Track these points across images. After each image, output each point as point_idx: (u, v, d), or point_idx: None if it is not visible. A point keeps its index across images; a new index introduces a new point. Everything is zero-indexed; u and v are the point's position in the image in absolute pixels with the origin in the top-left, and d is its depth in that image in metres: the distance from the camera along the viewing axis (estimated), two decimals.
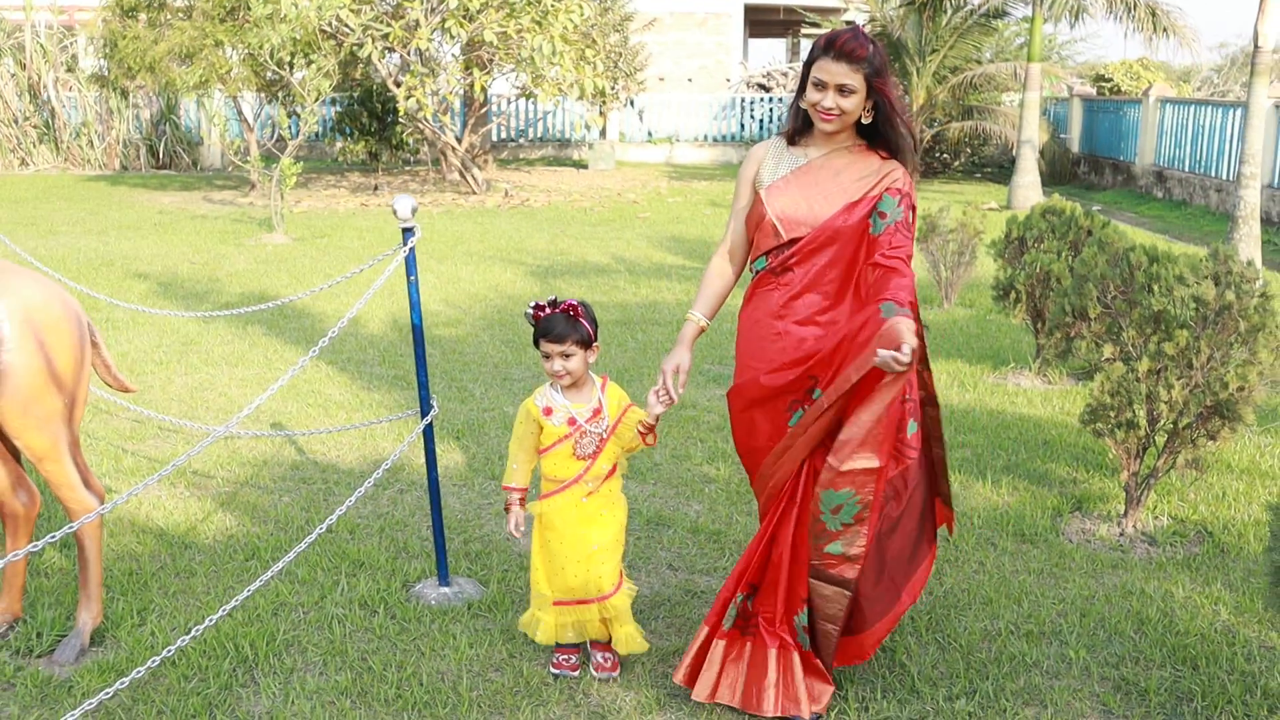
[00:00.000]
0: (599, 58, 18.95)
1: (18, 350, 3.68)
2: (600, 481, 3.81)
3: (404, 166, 24.42)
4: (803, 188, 3.63)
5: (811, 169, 3.65)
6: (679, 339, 3.80)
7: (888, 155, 3.63)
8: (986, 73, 21.55)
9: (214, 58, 18.01)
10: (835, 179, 3.62)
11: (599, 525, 3.82)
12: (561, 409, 3.77)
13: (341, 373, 7.85)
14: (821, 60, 3.50)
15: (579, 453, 3.77)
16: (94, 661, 3.95)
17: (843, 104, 3.51)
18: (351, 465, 6.03)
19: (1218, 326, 4.84)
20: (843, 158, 3.65)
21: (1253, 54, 11.24)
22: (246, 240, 14.24)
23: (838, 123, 3.56)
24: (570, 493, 3.80)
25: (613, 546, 3.84)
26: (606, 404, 3.79)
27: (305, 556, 4.79)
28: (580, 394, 3.80)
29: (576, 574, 3.80)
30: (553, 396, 3.79)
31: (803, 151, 3.70)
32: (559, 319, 3.70)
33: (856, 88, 3.48)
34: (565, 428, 3.76)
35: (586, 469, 3.78)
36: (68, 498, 3.91)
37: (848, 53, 3.45)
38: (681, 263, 12.78)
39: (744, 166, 3.81)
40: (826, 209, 3.59)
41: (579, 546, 3.79)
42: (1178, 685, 3.84)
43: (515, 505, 3.88)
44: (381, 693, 3.78)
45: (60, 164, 25.03)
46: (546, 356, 3.73)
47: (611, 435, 3.79)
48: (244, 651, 4.03)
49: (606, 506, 3.85)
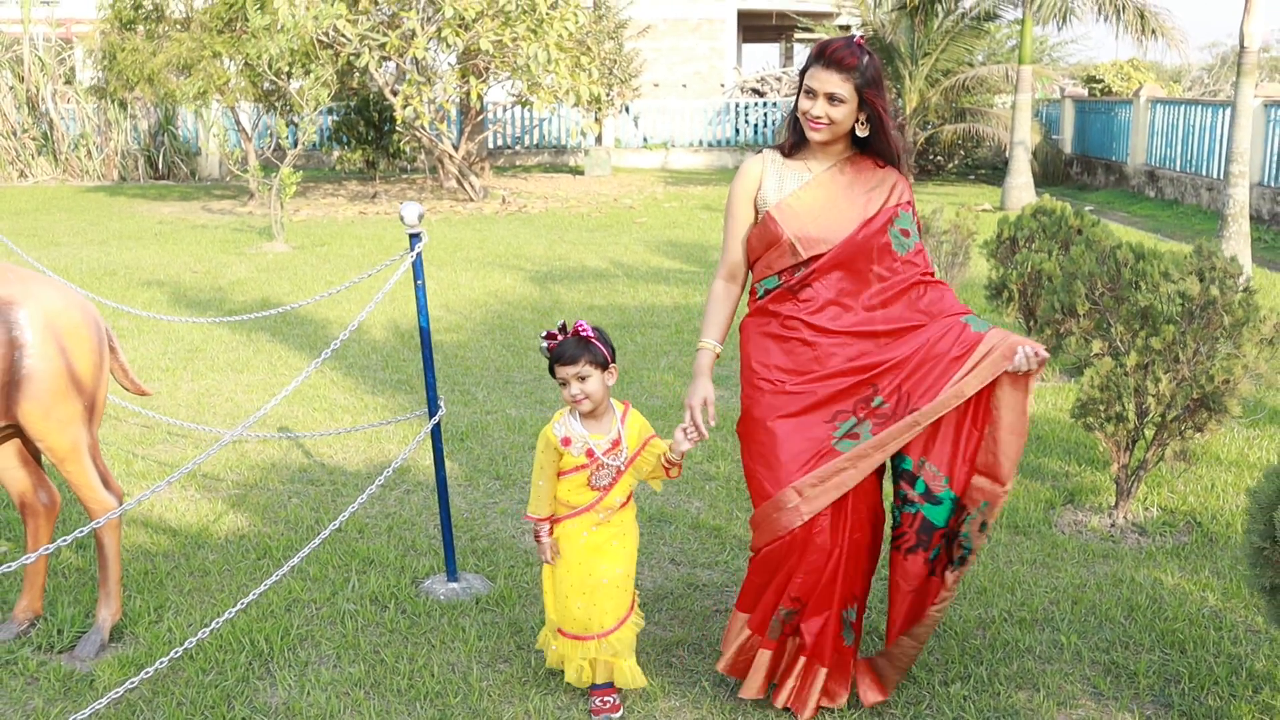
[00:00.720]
0: (594, 65, 19.08)
1: (40, 355, 3.80)
2: (612, 512, 3.70)
3: (401, 175, 24.56)
4: (817, 204, 3.56)
5: (820, 184, 3.59)
6: (696, 370, 3.69)
7: (882, 164, 3.62)
8: (978, 75, 21.71)
9: (212, 69, 18.14)
10: (848, 193, 3.57)
11: (608, 557, 3.70)
12: (580, 439, 3.64)
13: (346, 378, 7.97)
14: (813, 68, 3.47)
15: (594, 484, 3.66)
16: (114, 656, 4.07)
17: (831, 113, 3.47)
18: (358, 467, 6.15)
19: (1203, 321, 4.97)
20: (847, 171, 3.60)
21: (1239, 54, 11.38)
22: (247, 249, 14.36)
23: (826, 132, 3.51)
24: (581, 520, 3.69)
25: (621, 582, 3.71)
26: (626, 435, 3.67)
27: (316, 554, 4.91)
28: (600, 424, 3.67)
29: (580, 606, 3.69)
30: (571, 425, 3.66)
31: (804, 165, 3.63)
32: (569, 343, 3.60)
33: (846, 97, 3.45)
34: (582, 458, 3.64)
35: (599, 499, 3.67)
36: (88, 498, 4.03)
37: (838, 61, 3.42)
38: (679, 267, 12.91)
39: (738, 184, 3.69)
40: (844, 225, 3.53)
41: (585, 578, 3.68)
42: (1166, 668, 3.97)
43: (544, 535, 3.72)
44: (394, 684, 3.90)
45: (59, 175, 25.15)
46: (564, 383, 3.61)
47: (629, 467, 3.68)
48: (259, 646, 4.15)
49: (617, 537, 3.72)
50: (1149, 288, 5.07)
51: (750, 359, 3.67)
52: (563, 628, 3.74)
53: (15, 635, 4.19)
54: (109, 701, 3.63)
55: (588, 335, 3.61)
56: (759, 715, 3.70)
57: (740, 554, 4.96)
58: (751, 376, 3.65)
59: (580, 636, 3.70)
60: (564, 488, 3.69)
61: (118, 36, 19.79)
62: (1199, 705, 3.72)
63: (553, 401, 7.34)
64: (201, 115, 24.60)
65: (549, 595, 3.78)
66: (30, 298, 3.83)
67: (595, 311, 10.20)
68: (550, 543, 3.72)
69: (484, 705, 3.77)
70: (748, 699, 3.72)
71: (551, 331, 3.65)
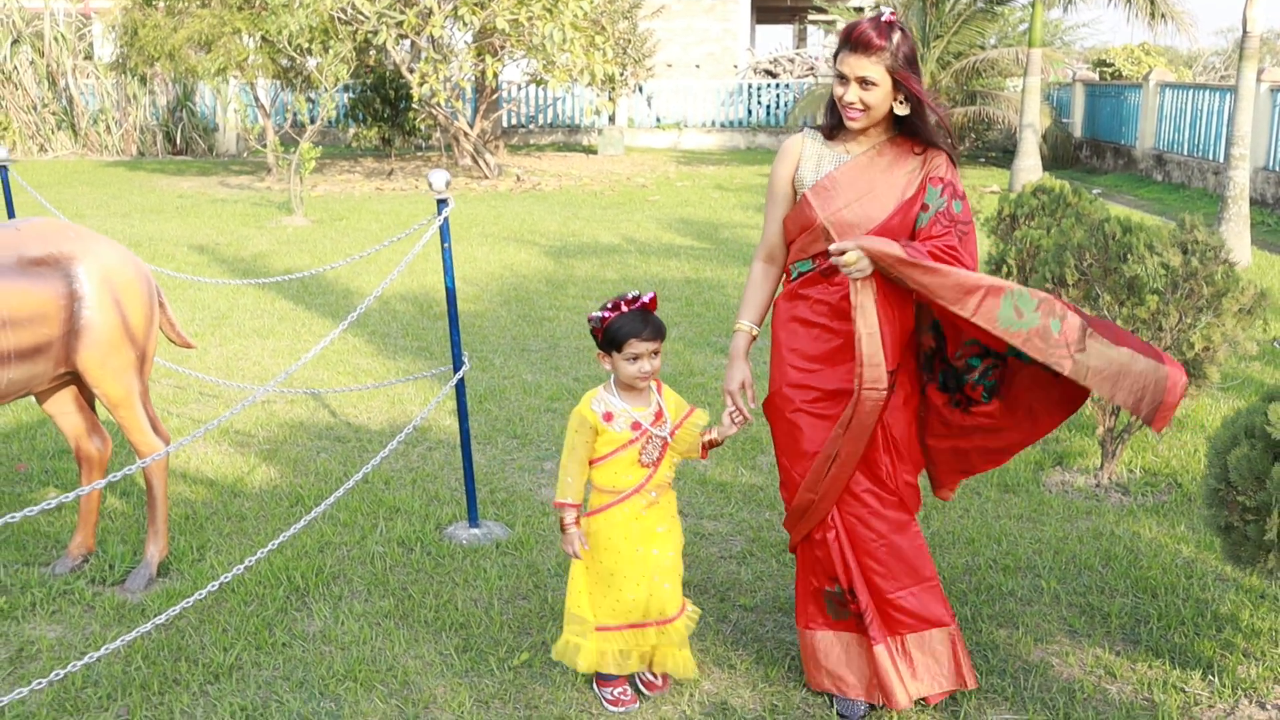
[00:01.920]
0: (608, 44, 19.32)
1: (97, 308, 4.12)
2: (662, 491, 3.59)
3: (416, 152, 24.85)
4: (853, 188, 3.43)
5: (858, 167, 3.45)
6: (733, 353, 3.62)
7: (924, 146, 3.45)
8: (989, 58, 21.92)
9: (232, 45, 18.43)
10: (886, 176, 3.43)
11: (659, 542, 3.58)
12: (622, 413, 3.50)
13: (368, 344, 8.29)
14: (842, 53, 3.34)
15: (644, 459, 3.52)
16: (162, 589, 4.40)
17: (865, 98, 3.33)
18: (381, 426, 6.46)
19: (1185, 292, 5.25)
20: (887, 153, 3.46)
21: (1242, 39, 11.61)
22: (267, 223, 14.67)
23: (863, 119, 3.38)
24: (630, 504, 3.54)
25: (674, 567, 3.60)
26: (666, 406, 3.56)
27: (345, 502, 5.23)
28: (640, 397, 3.54)
29: (636, 595, 3.54)
30: (610, 401, 3.52)
31: (844, 147, 3.49)
32: (650, 315, 3.45)
33: (878, 80, 3.30)
34: (629, 433, 3.50)
35: (649, 477, 3.54)
36: (139, 440, 4.35)
37: (865, 43, 3.29)
38: (690, 243, 13.19)
39: (779, 164, 3.57)
40: (880, 211, 3.40)
41: (641, 564, 3.54)
42: (1137, 610, 4.27)
43: (572, 525, 3.55)
44: (422, 615, 4.22)
45: (78, 150, 25.48)
46: (634, 358, 3.44)
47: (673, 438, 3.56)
48: (295, 582, 4.47)
49: (665, 521, 3.61)
50: (1135, 259, 5.35)
51: (780, 343, 3.58)
52: (609, 621, 3.58)
53: (70, 569, 4.52)
54: (160, 624, 3.96)
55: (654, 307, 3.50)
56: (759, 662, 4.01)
57: (744, 506, 5.26)
58: (780, 361, 3.57)
59: (639, 624, 3.58)
60: (608, 472, 3.54)
61: (140, 13, 20.07)
62: (1165, 642, 4.02)
63: (567, 367, 7.64)
64: (220, 91, 24.92)
65: (579, 595, 3.61)
66: (89, 254, 4.14)
67: (609, 285, 10.49)
68: (577, 533, 3.55)
69: (504, 636, 4.08)
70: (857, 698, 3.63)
71: (617, 301, 3.47)
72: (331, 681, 3.77)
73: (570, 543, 3.55)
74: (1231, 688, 3.72)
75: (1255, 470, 3.27)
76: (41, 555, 4.70)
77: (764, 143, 28.12)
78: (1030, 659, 3.92)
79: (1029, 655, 3.94)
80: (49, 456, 5.88)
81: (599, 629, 3.59)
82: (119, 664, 3.86)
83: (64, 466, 5.72)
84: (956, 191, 3.41)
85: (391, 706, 3.64)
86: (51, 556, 4.68)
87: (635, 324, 3.42)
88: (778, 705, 3.65)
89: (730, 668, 3.88)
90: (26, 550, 4.73)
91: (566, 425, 3.64)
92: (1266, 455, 3.26)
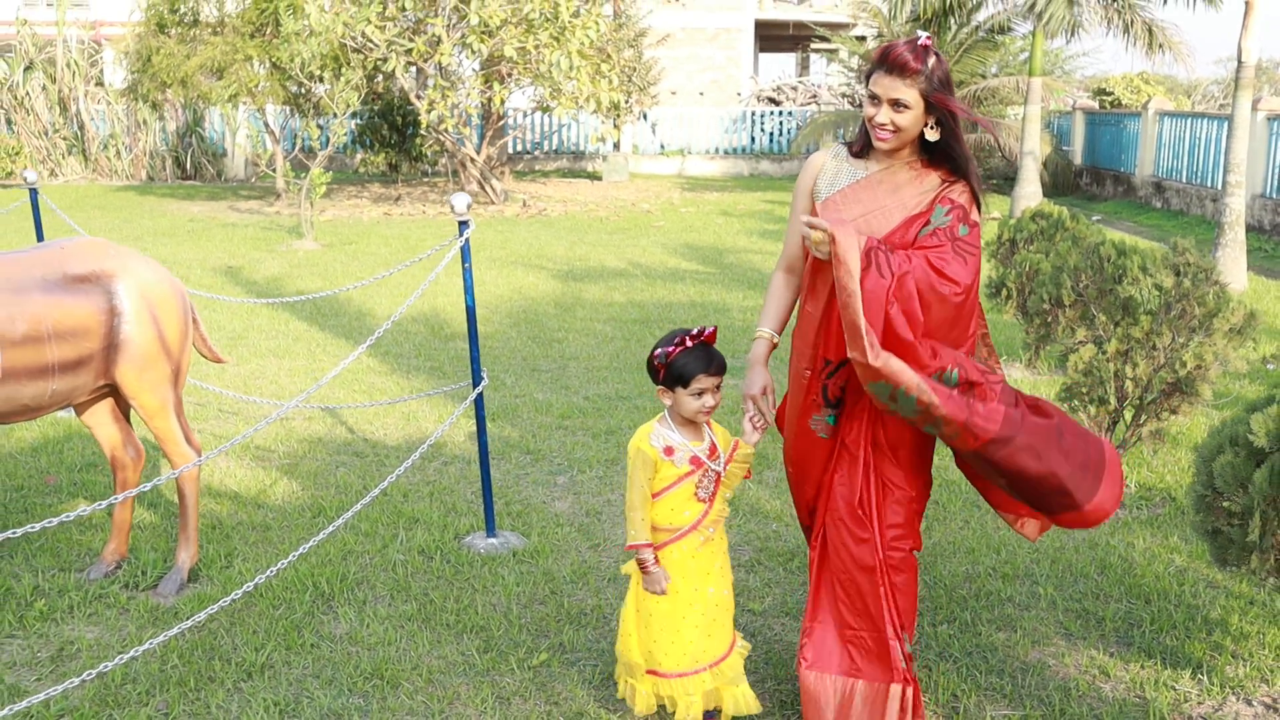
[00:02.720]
0: (614, 72, 19.61)
1: (135, 323, 4.31)
2: (717, 527, 3.58)
3: (422, 178, 25.12)
4: (860, 204, 3.43)
5: (870, 184, 3.45)
6: (752, 359, 3.61)
7: (949, 174, 3.43)
8: (990, 86, 22.21)
9: (244, 72, 18.71)
10: (894, 195, 3.42)
11: (715, 579, 3.57)
12: (682, 447, 3.49)
13: (382, 363, 8.48)
14: (876, 74, 3.33)
15: (700, 493, 3.51)
16: (193, 594, 4.58)
17: (897, 120, 3.32)
18: (398, 442, 6.65)
19: (1178, 312, 5.44)
20: (903, 173, 3.44)
21: (1237, 69, 11.85)
22: (278, 246, 14.89)
23: (893, 140, 3.36)
24: (687, 542, 3.52)
25: (728, 604, 3.61)
26: (716, 440, 3.57)
27: (366, 514, 5.41)
28: (696, 431, 3.53)
29: (693, 639, 3.52)
30: (669, 436, 3.50)
31: (863, 164, 3.49)
32: (713, 350, 3.47)
33: (911, 103, 3.29)
34: (687, 467, 3.49)
35: (705, 512, 3.53)
36: (172, 451, 4.54)
37: (901, 65, 3.27)
38: (695, 267, 13.40)
39: (802, 175, 3.60)
40: (884, 226, 3.39)
41: (697, 605, 3.52)
42: (1131, 614, 4.44)
43: (653, 565, 3.50)
44: (443, 618, 4.40)
45: (88, 175, 25.80)
46: (699, 394, 3.44)
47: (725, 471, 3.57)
48: (321, 587, 4.65)
49: (720, 558, 3.61)
50: (1129, 281, 5.54)
51: (795, 351, 3.57)
52: (660, 667, 3.55)
53: (105, 574, 4.70)
54: (193, 626, 4.14)
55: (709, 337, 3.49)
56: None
57: (751, 519, 5.44)
58: (794, 369, 3.56)
59: (690, 672, 3.53)
60: (665, 508, 3.51)
61: (153, 39, 20.38)
62: (1157, 644, 4.20)
63: (577, 387, 7.83)
64: (229, 117, 25.24)
65: (631, 636, 3.58)
66: (128, 272, 4.34)
67: (616, 308, 10.69)
68: (661, 571, 3.50)
69: (523, 638, 4.26)
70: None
71: (681, 337, 3.46)
72: (359, 680, 3.95)
73: (656, 582, 3.49)
74: (1220, 686, 3.90)
75: (1239, 476, 3.45)
76: (76, 562, 4.88)
77: (767, 170, 28.40)
78: (1028, 660, 4.10)
79: (1026, 656, 4.12)
80: (76, 469, 6.07)
81: (649, 672, 3.57)
82: (155, 663, 4.04)
83: (91, 479, 5.90)
84: (966, 217, 3.38)
85: (418, 702, 3.81)
86: (85, 563, 4.86)
87: (700, 360, 3.42)
88: (785, 702, 3.82)
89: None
90: (61, 557, 4.92)
91: (579, 443, 3.78)
92: (1250, 462, 3.44)
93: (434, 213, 19.49)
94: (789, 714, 3.76)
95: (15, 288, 4.10)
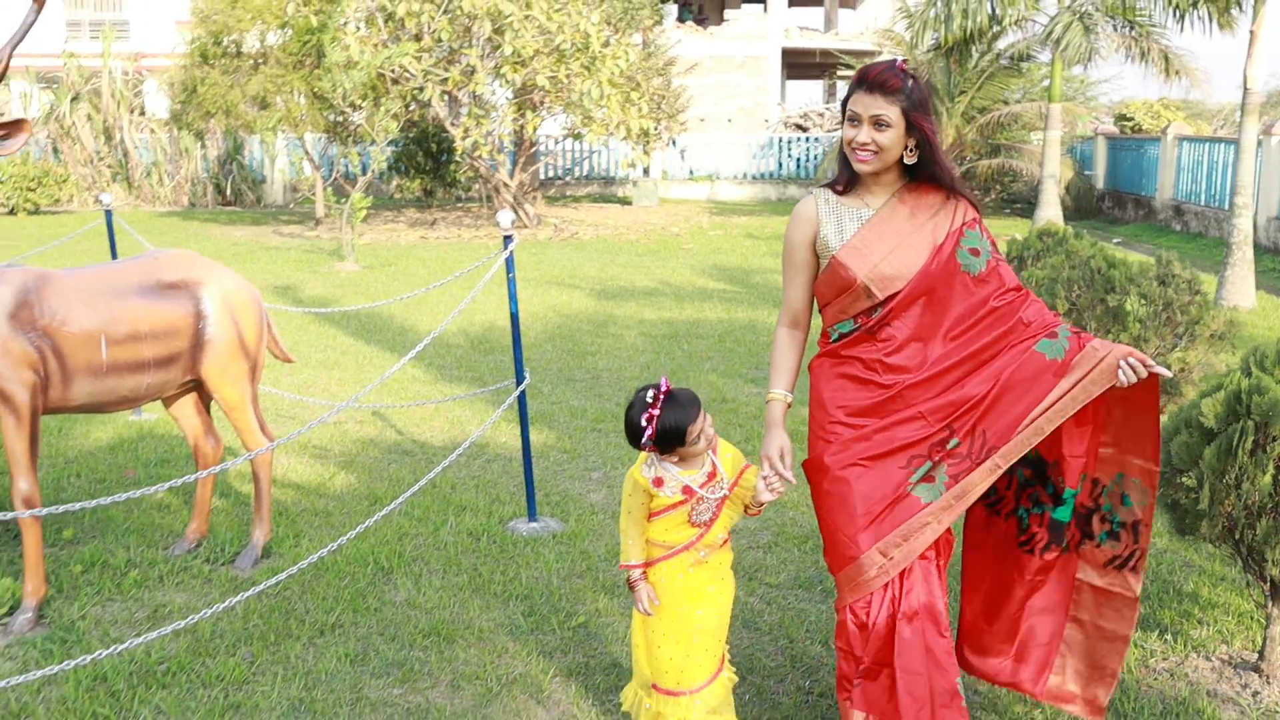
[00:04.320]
0: (644, 100, 20.20)
1: (218, 325, 4.87)
2: (712, 551, 3.53)
3: (456, 203, 25.80)
4: (884, 241, 3.36)
5: (884, 219, 3.39)
6: (770, 422, 3.49)
7: (945, 192, 3.42)
8: (1013, 112, 22.70)
9: (288, 103, 19.41)
10: (912, 223, 3.38)
11: (705, 602, 3.53)
12: (672, 479, 3.47)
13: (426, 373, 9.04)
14: (856, 94, 3.31)
15: (694, 520, 3.49)
16: (267, 567, 5.12)
17: (878, 139, 3.29)
18: (444, 442, 7.18)
19: (1164, 320, 5.92)
20: (907, 200, 3.40)
21: (1243, 95, 12.31)
22: (320, 268, 15.52)
23: (875, 161, 3.32)
24: (678, 560, 3.51)
25: (716, 631, 3.55)
26: (721, 465, 3.51)
27: (417, 501, 5.94)
28: (693, 461, 3.49)
29: (672, 656, 3.51)
30: (661, 468, 3.48)
31: (861, 201, 3.43)
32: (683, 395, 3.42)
33: (892, 121, 3.27)
34: (679, 496, 3.47)
35: (699, 536, 3.49)
36: (249, 439, 5.09)
37: (881, 83, 3.26)
38: (723, 287, 13.93)
39: (793, 230, 3.49)
40: (916, 259, 3.34)
41: (679, 624, 3.51)
42: None
43: (640, 582, 3.52)
44: (491, 588, 4.92)
45: (132, 201, 26.57)
46: (697, 438, 3.43)
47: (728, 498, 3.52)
48: (380, 563, 5.18)
49: (715, 581, 3.56)
50: (1120, 291, 6.03)
51: (824, 401, 3.47)
52: (658, 683, 3.56)
53: (187, 550, 5.25)
54: (270, 590, 4.68)
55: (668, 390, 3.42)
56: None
57: (770, 506, 5.94)
58: (824, 419, 3.46)
59: (672, 692, 3.53)
60: (659, 527, 3.52)
61: (198, 70, 21.13)
62: None
63: (609, 395, 8.35)
64: (269, 145, 26.00)
65: (639, 648, 3.61)
66: (212, 280, 4.90)
67: (646, 324, 11.22)
68: (647, 589, 3.51)
69: (563, 604, 4.77)
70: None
71: (646, 406, 3.38)
72: (419, 636, 4.47)
73: (640, 600, 3.51)
74: (1184, 645, 4.37)
75: (1192, 454, 3.93)
76: (160, 541, 5.43)
77: (794, 194, 28.93)
78: None
79: None
80: (152, 464, 6.63)
81: (654, 687, 3.58)
82: (239, 621, 4.57)
83: (165, 473, 6.46)
84: (984, 229, 3.41)
85: (471, 655, 4.33)
86: (169, 542, 5.41)
87: (682, 413, 3.38)
88: (797, 657, 4.32)
89: (756, 629, 4.55)
90: (146, 537, 5.47)
91: (611, 443, 4.26)
92: (1201, 440, 3.92)
93: (469, 236, 20.11)
94: (800, 673, 4.25)
95: (117, 293, 4.65)
